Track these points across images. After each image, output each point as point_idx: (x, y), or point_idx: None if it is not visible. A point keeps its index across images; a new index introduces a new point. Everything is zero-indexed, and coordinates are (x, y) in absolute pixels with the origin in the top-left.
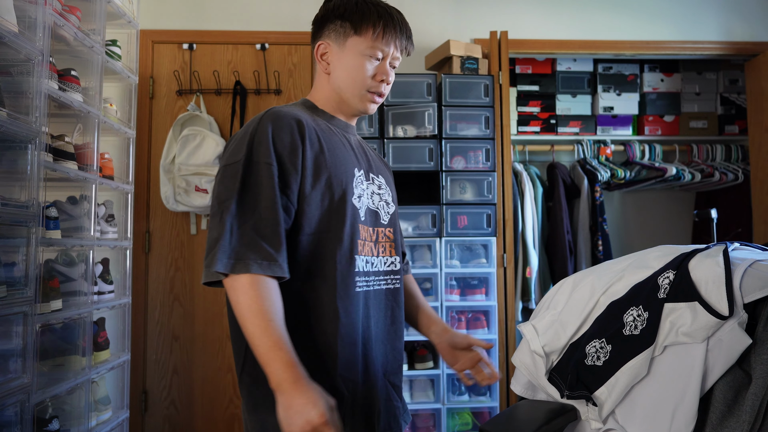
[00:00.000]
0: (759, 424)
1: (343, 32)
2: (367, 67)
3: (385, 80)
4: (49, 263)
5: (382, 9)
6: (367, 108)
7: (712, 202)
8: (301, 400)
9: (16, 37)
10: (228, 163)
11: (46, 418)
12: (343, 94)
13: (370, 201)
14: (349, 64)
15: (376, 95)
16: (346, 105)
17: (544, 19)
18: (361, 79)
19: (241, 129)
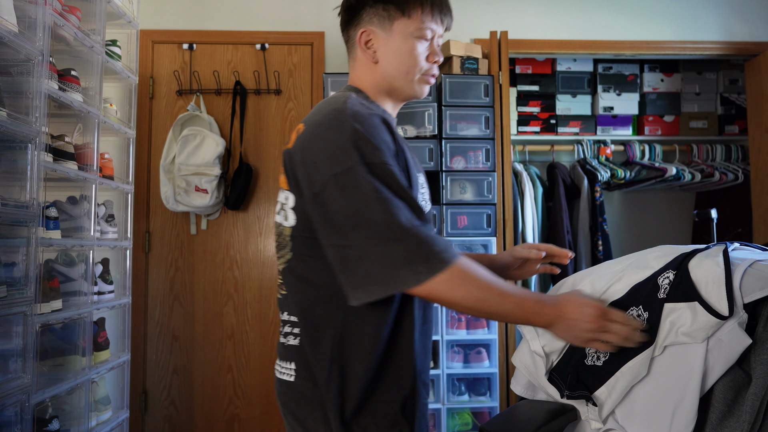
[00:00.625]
0: (759, 424)
1: (387, 16)
2: (419, 49)
3: (438, 60)
4: (49, 263)
5: None
6: (423, 92)
7: (712, 202)
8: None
9: (16, 37)
10: (338, 172)
11: (46, 418)
12: (396, 81)
13: (427, 204)
14: (400, 49)
15: (431, 77)
16: (397, 93)
17: (544, 19)
18: (415, 64)
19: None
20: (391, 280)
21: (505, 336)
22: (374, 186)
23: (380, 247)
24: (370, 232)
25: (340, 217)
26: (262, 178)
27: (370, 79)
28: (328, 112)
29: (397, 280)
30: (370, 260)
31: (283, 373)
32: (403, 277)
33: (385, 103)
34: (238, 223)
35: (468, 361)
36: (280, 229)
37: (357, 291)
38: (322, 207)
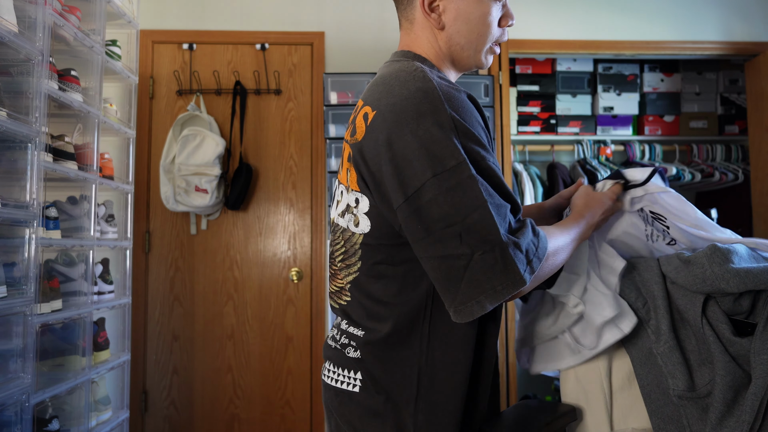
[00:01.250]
0: (759, 423)
1: None
2: (493, 13)
3: (511, 24)
4: (49, 263)
5: None
6: (489, 62)
7: (712, 202)
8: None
9: (16, 37)
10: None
11: (46, 418)
12: (464, 50)
13: None
14: (474, 12)
15: (498, 46)
16: (461, 63)
17: (544, 19)
18: (488, 31)
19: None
20: (500, 287)
21: (505, 336)
22: (483, 188)
23: (489, 255)
24: (479, 240)
25: (442, 225)
26: (262, 178)
27: (433, 47)
28: (410, 93)
29: (506, 286)
30: (479, 271)
31: (342, 382)
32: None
33: (450, 74)
34: (238, 223)
35: None
36: (347, 235)
37: (464, 306)
38: (419, 213)
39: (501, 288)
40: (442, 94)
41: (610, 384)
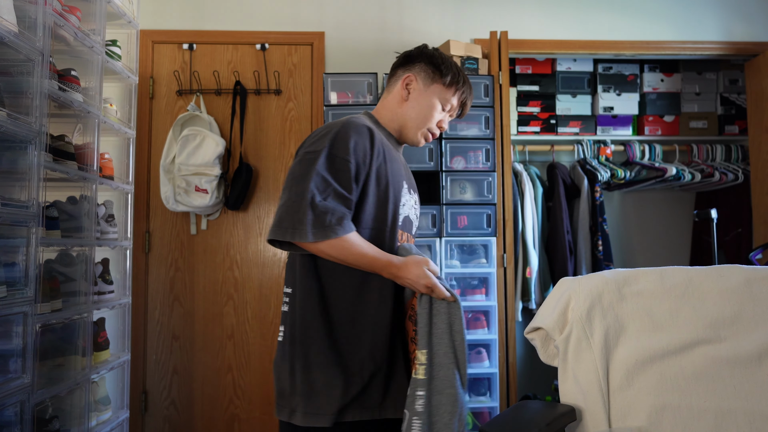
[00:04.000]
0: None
1: (432, 77)
2: (437, 113)
3: (442, 128)
4: (49, 263)
5: (466, 78)
6: (419, 143)
7: (712, 202)
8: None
9: (16, 37)
10: (309, 150)
11: (46, 418)
12: (409, 123)
13: (410, 211)
14: (426, 102)
15: (432, 136)
16: (404, 133)
17: (544, 19)
18: (427, 118)
19: (321, 129)
20: (291, 232)
21: (505, 336)
22: (324, 167)
23: (298, 206)
24: (299, 194)
25: (289, 178)
26: (262, 179)
27: (391, 112)
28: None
29: (296, 234)
30: (287, 212)
31: (279, 336)
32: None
33: (395, 132)
34: (238, 223)
35: (468, 361)
36: None
37: (270, 229)
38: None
39: (291, 231)
40: (351, 122)
41: (608, 384)
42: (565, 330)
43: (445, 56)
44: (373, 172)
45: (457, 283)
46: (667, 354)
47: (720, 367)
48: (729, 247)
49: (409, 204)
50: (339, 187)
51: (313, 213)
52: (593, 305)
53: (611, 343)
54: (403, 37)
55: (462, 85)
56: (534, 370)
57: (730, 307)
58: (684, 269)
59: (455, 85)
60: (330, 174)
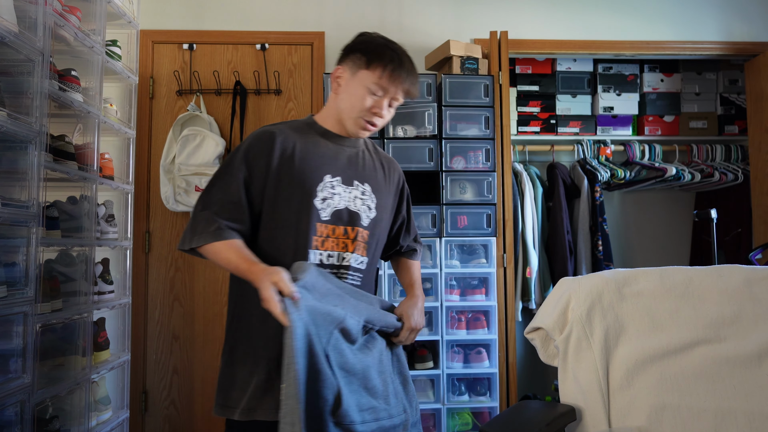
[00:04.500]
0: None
1: (358, 64)
2: (367, 99)
3: (378, 114)
4: (49, 263)
5: (396, 55)
6: (359, 132)
7: (712, 202)
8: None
9: (16, 37)
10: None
11: (46, 418)
12: (342, 114)
13: (350, 203)
14: (353, 91)
15: (369, 124)
16: (343, 125)
17: (544, 19)
18: (358, 107)
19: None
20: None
21: (505, 336)
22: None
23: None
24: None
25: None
26: None
27: (330, 107)
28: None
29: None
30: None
31: None
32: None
33: (337, 130)
34: None
35: (468, 361)
36: None
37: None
38: None
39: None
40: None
41: (608, 384)
42: (565, 330)
43: (372, 40)
44: (273, 174)
45: (457, 283)
46: (667, 354)
47: (720, 367)
48: (729, 247)
49: (347, 196)
50: (225, 197)
51: (191, 222)
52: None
53: (611, 343)
54: (403, 37)
55: (387, 63)
56: (534, 370)
57: (730, 307)
58: (684, 269)
59: (377, 64)
60: (219, 184)
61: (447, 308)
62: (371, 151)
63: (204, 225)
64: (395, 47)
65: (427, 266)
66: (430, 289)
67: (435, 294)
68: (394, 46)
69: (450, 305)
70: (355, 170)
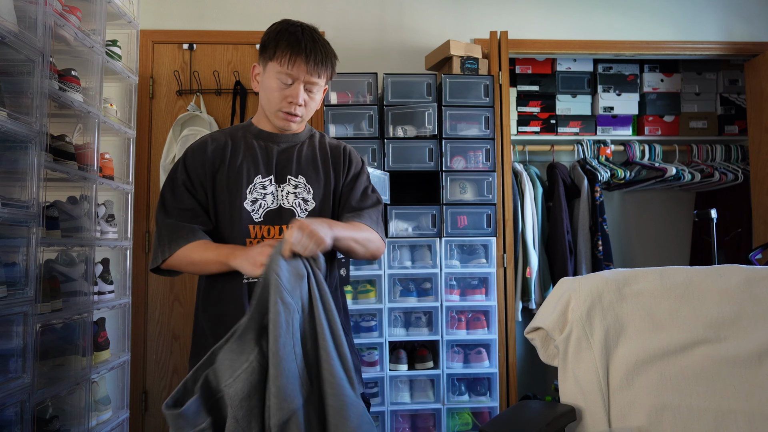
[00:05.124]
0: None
1: (265, 57)
2: (279, 89)
3: (294, 102)
4: (49, 263)
5: (294, 39)
6: (283, 125)
7: (712, 202)
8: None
9: (16, 37)
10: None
11: (46, 418)
12: (265, 110)
13: (283, 201)
14: (267, 85)
15: (289, 114)
16: (268, 120)
17: (544, 19)
18: (274, 100)
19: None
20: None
21: (505, 336)
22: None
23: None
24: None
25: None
26: None
27: (259, 107)
28: None
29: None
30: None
31: None
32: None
33: (267, 125)
34: None
35: (468, 361)
36: None
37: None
38: None
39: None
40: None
41: (608, 384)
42: (565, 330)
43: (273, 29)
44: (209, 181)
45: (457, 283)
46: (667, 354)
47: (720, 366)
48: (729, 247)
49: (279, 194)
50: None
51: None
52: (593, 305)
53: (611, 343)
54: (403, 37)
55: (284, 49)
56: (534, 370)
57: (730, 307)
58: (684, 269)
59: (277, 53)
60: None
61: (447, 308)
62: (316, 144)
63: (173, 232)
64: (295, 29)
65: (427, 266)
66: (430, 289)
67: (435, 294)
68: (294, 28)
69: (450, 305)
70: (290, 165)
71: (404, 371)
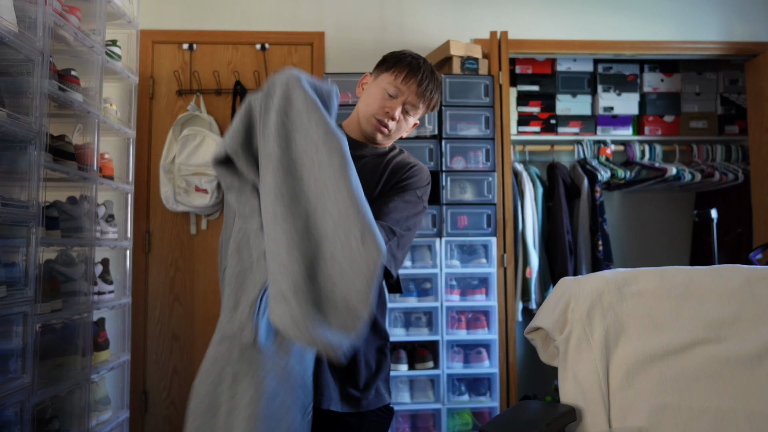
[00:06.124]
0: None
1: (380, 69)
2: (382, 98)
3: (390, 114)
4: (49, 263)
5: (414, 60)
6: (372, 131)
7: (712, 202)
8: None
9: (16, 37)
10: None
11: (46, 418)
12: (360, 114)
13: None
14: (372, 91)
15: (380, 124)
16: (360, 125)
17: (544, 19)
18: (373, 105)
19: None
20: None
21: (505, 336)
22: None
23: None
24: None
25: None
26: None
27: (354, 111)
28: None
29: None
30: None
31: None
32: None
33: (355, 131)
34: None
35: (468, 361)
36: None
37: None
38: None
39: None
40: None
41: (608, 384)
42: (565, 330)
43: (400, 51)
44: None
45: (457, 283)
46: (667, 354)
47: (720, 367)
48: (729, 247)
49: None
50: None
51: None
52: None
53: (611, 343)
54: (403, 38)
55: (403, 66)
56: (534, 370)
57: (730, 307)
58: (684, 269)
59: (395, 67)
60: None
61: (447, 308)
62: (387, 157)
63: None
64: (418, 57)
65: (427, 266)
66: (430, 289)
67: (435, 294)
68: (418, 56)
69: (450, 305)
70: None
71: (404, 371)
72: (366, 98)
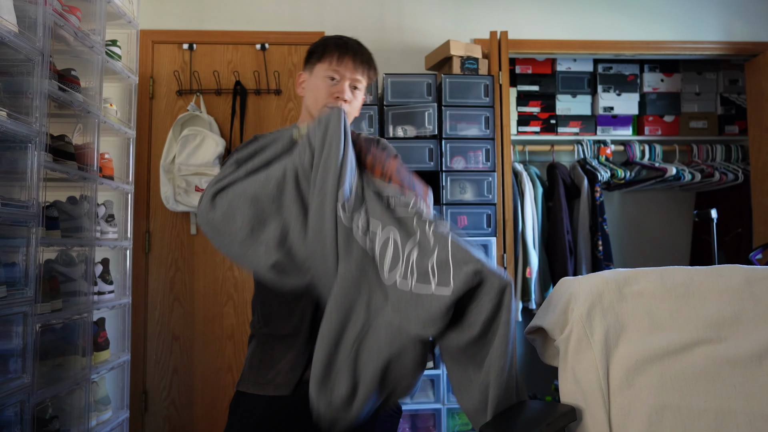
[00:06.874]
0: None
1: (312, 62)
2: (326, 86)
3: (341, 97)
4: (49, 263)
5: (338, 40)
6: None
7: (712, 202)
8: None
9: (16, 37)
10: None
11: (46, 418)
12: (311, 110)
13: None
14: (313, 85)
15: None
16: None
17: (544, 19)
18: (321, 97)
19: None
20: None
21: None
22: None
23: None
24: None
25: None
26: None
27: (303, 113)
28: None
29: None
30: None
31: None
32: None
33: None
34: None
35: None
36: None
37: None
38: None
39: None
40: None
41: (608, 384)
42: (565, 330)
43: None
44: None
45: None
46: (667, 354)
47: (720, 367)
48: (729, 247)
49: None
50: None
51: None
52: (593, 305)
53: (611, 343)
54: (403, 37)
55: (332, 50)
56: (534, 370)
57: (730, 307)
58: (684, 269)
59: (325, 55)
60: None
61: None
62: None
63: None
64: (341, 36)
65: None
66: None
67: None
68: (340, 36)
69: None
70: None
71: None
72: (311, 93)
